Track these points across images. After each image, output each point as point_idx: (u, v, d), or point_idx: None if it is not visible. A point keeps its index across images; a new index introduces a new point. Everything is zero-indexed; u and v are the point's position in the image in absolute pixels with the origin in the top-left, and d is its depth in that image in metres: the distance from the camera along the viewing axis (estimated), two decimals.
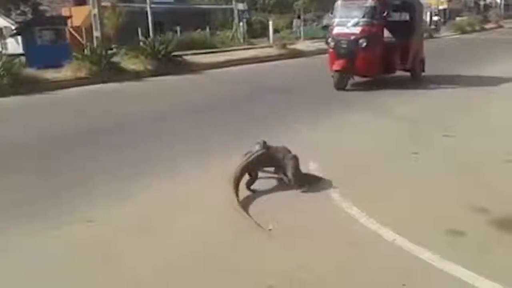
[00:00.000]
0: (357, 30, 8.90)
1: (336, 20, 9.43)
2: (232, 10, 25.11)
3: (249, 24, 26.31)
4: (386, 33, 9.35)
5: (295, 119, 6.48)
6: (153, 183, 4.08)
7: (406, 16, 10.07)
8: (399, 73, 9.74)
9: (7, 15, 24.55)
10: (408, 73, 9.96)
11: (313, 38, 22.87)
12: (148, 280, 2.58)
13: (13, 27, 19.04)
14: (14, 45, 17.26)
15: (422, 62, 10.19)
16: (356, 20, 9.02)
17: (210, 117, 6.91)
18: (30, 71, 10.66)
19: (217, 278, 2.58)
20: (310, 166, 4.25)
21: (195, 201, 3.69)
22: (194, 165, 4.54)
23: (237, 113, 7.15)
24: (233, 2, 24.55)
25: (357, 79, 9.51)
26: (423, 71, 10.21)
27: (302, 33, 24.55)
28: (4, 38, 18.71)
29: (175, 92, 9.94)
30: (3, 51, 16.36)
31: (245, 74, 12.89)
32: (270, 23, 23.38)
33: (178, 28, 22.00)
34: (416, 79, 9.91)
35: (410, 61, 9.62)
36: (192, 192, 3.88)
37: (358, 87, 9.37)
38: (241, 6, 24.11)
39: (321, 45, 15.33)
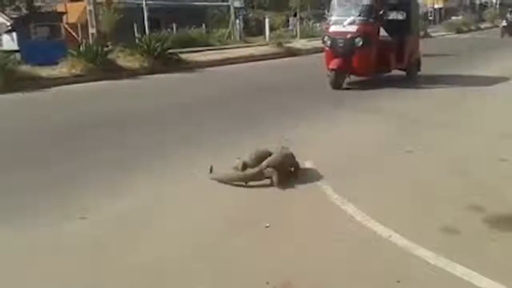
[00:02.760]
0: (354, 28, 8.90)
1: (333, 19, 9.44)
2: (228, 7, 25.05)
3: (245, 21, 26.27)
4: (382, 32, 9.36)
5: (290, 117, 6.49)
6: (144, 180, 4.08)
7: (402, 15, 10.09)
8: (395, 72, 9.76)
9: (2, 10, 24.39)
10: (404, 72, 9.99)
11: (312, 36, 22.87)
12: (139, 277, 2.58)
13: (8, 23, 18.90)
14: (9, 42, 17.11)
15: (418, 61, 10.21)
16: (352, 18, 9.03)
17: (203, 115, 6.89)
18: (25, 68, 10.59)
19: (212, 275, 2.58)
20: (305, 164, 4.27)
21: (188, 197, 3.70)
22: (185, 162, 4.53)
23: (230, 111, 7.15)
24: (230, 0, 24.50)
25: (353, 78, 9.52)
26: (419, 70, 10.23)
27: (298, 31, 24.53)
28: None
29: (169, 90, 9.93)
30: None
31: (240, 72, 12.88)
32: (266, 21, 23.35)
33: (174, 25, 21.93)
34: (412, 78, 9.93)
35: (406, 60, 9.64)
36: (184, 189, 3.88)
37: (354, 86, 9.38)
38: (237, 3, 24.08)
39: (317, 43, 15.31)
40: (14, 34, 15.95)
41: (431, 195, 3.64)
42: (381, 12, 8.98)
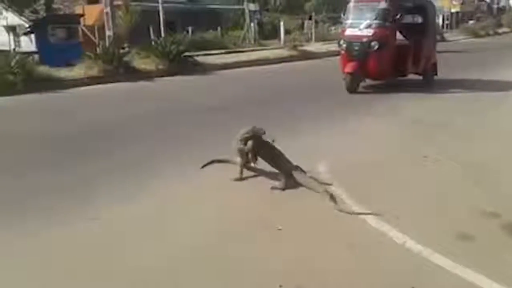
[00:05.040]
0: (369, 32, 8.86)
1: (348, 22, 9.42)
2: (243, 10, 25.13)
3: (260, 25, 26.27)
4: (399, 35, 9.30)
5: (306, 122, 6.48)
6: (155, 183, 4.09)
7: (418, 19, 10.01)
8: (411, 76, 9.69)
9: (20, 12, 24.78)
10: (420, 77, 9.91)
11: (326, 39, 22.80)
12: (150, 277, 2.60)
13: (26, 25, 19.24)
14: (28, 43, 17.42)
15: (435, 65, 10.12)
16: (368, 22, 8.99)
17: (214, 118, 6.88)
18: (43, 69, 10.71)
19: (223, 276, 2.59)
20: (319, 168, 4.26)
21: (201, 199, 3.72)
22: (197, 167, 4.49)
23: (244, 115, 7.10)
24: (245, 3, 24.56)
25: (369, 81, 9.47)
26: (436, 74, 10.14)
27: (313, 34, 24.46)
28: (18, 36, 18.91)
29: (184, 93, 9.97)
30: (17, 49, 16.56)
31: (254, 75, 12.88)
32: (281, 24, 23.33)
33: (189, 28, 22.07)
34: (428, 82, 9.84)
35: (422, 64, 9.56)
36: (195, 192, 3.90)
37: (369, 89, 9.34)
38: (252, 6, 24.10)
39: (332, 47, 15.28)
40: (32, 35, 16.23)
41: (446, 201, 3.61)
42: (397, 16, 8.92)
